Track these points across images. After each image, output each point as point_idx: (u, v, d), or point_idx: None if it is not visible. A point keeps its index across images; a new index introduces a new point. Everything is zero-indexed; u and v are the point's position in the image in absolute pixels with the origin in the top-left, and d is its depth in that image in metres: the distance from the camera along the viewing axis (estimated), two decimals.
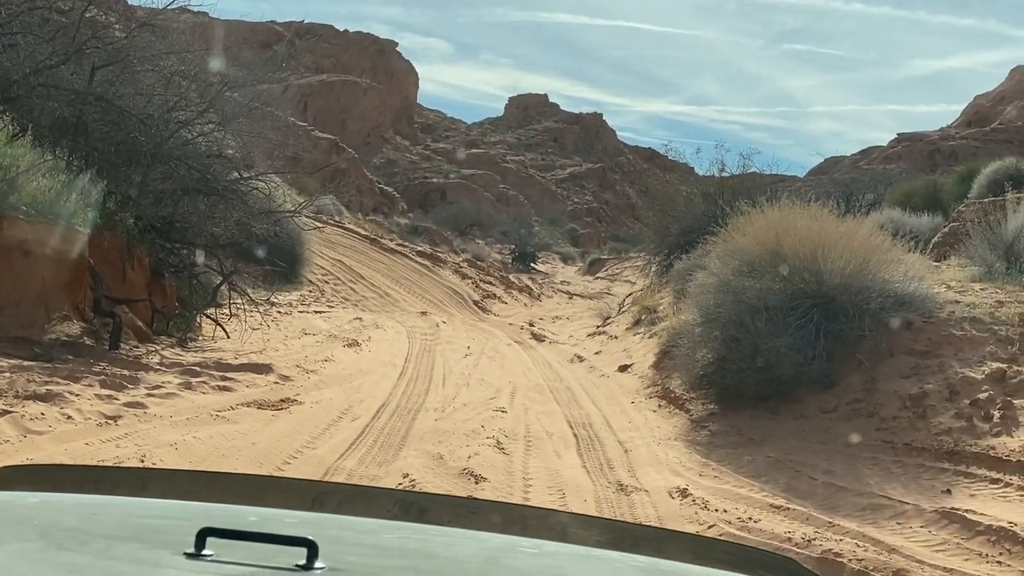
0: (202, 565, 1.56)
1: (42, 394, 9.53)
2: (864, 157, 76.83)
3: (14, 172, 12.68)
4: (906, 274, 12.55)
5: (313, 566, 1.58)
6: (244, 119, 17.97)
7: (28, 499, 2.04)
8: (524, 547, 2.07)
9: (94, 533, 1.77)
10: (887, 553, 7.34)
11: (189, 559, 1.58)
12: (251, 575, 1.55)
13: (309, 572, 1.57)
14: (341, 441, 9.92)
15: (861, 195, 24.60)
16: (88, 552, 1.66)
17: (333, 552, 1.63)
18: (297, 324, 20.43)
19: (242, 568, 1.56)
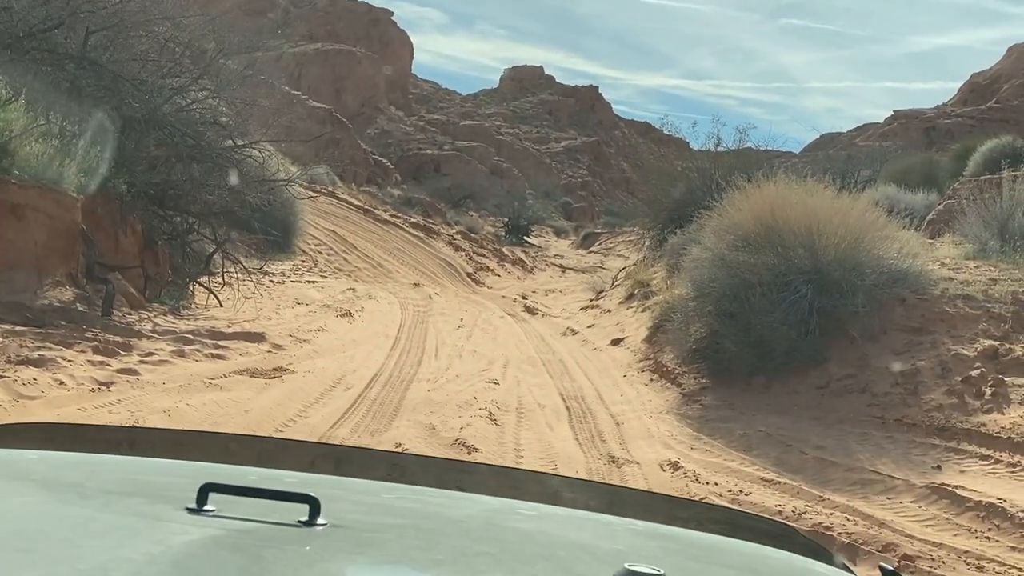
0: (204, 519, 1.56)
1: (34, 359, 9.51)
2: (860, 134, 76.71)
3: (7, 136, 12.59)
4: (900, 251, 12.56)
5: (315, 522, 1.58)
6: (238, 87, 17.86)
7: (27, 456, 2.05)
8: (522, 510, 2.07)
9: (95, 489, 1.78)
10: (877, 527, 7.38)
11: (191, 514, 1.58)
12: (253, 530, 1.55)
13: (311, 528, 1.57)
14: (334, 410, 9.93)
15: (857, 172, 24.59)
16: (90, 506, 1.66)
17: (334, 510, 1.63)
18: (290, 294, 20.39)
19: (244, 523, 1.56)
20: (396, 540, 1.68)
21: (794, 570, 1.87)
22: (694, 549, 1.93)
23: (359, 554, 1.57)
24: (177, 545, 1.45)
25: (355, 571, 1.53)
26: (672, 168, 25.21)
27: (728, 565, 1.84)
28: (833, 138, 74.66)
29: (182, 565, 1.38)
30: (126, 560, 1.37)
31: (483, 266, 34.69)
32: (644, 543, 1.91)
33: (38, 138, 13.27)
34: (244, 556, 1.45)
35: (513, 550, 1.72)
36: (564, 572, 1.62)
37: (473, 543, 1.73)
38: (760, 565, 1.87)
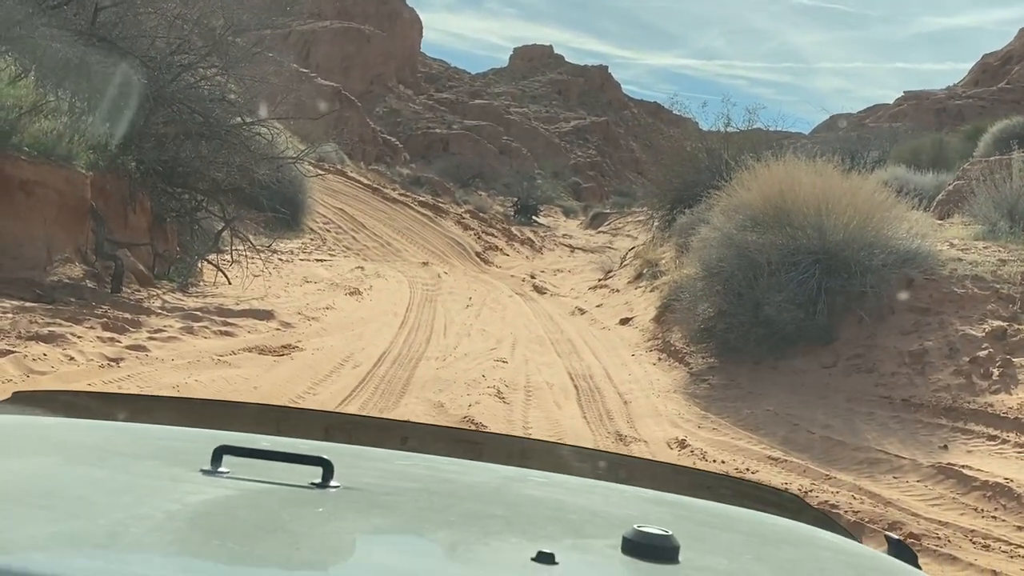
0: (219, 480, 1.59)
1: (44, 335, 9.56)
2: (870, 114, 76.35)
3: (17, 113, 12.61)
4: (909, 231, 12.53)
5: (328, 484, 1.60)
6: (247, 64, 17.83)
7: (44, 421, 2.08)
8: (533, 477, 2.10)
9: (112, 452, 1.80)
10: (883, 506, 7.40)
11: (206, 475, 1.60)
12: (268, 490, 1.57)
13: (324, 490, 1.59)
14: (342, 387, 9.96)
15: (866, 152, 24.49)
16: (108, 468, 1.69)
17: (346, 474, 1.65)
18: (298, 272, 20.43)
19: (258, 484, 1.58)
20: (409, 503, 1.70)
21: (800, 537, 1.89)
22: (702, 515, 1.95)
23: (373, 515, 1.59)
24: (194, 504, 1.48)
25: (369, 530, 1.55)
26: (681, 148, 25.13)
27: (736, 531, 1.86)
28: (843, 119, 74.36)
29: (199, 522, 1.41)
30: (145, 517, 1.39)
31: (492, 245, 34.69)
32: (653, 509, 1.93)
33: (47, 115, 13.29)
34: (260, 514, 1.48)
35: (525, 514, 1.74)
36: (575, 534, 1.64)
37: (485, 507, 1.75)
38: (767, 531, 1.89)
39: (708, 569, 1.52)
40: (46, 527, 1.31)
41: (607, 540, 1.51)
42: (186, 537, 1.35)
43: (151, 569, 1.20)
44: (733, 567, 1.58)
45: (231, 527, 1.41)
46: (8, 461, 1.67)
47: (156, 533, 1.33)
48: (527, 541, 1.50)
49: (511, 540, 1.56)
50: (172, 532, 1.35)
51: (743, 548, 1.73)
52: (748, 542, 1.79)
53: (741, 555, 1.68)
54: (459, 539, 1.54)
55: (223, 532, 1.38)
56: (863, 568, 1.74)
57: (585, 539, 1.62)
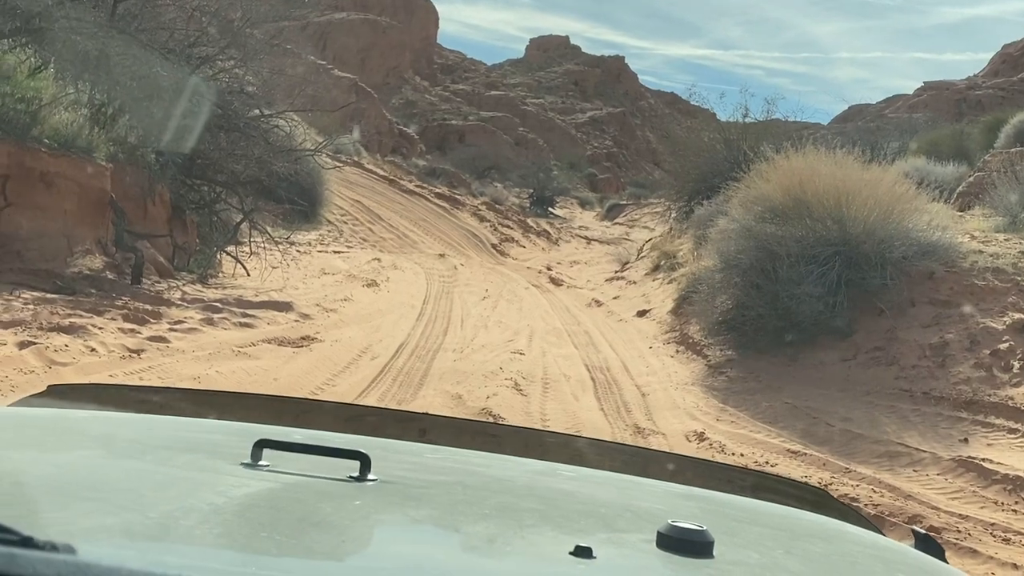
0: (260, 473, 1.62)
1: (65, 326, 9.61)
2: (889, 105, 75.94)
3: (36, 105, 12.68)
4: (930, 223, 12.46)
5: (366, 478, 1.63)
6: (265, 56, 17.87)
7: (81, 415, 2.11)
8: (563, 471, 2.12)
9: (151, 445, 1.84)
10: (903, 499, 7.38)
11: (247, 468, 1.63)
12: (308, 484, 1.60)
13: (362, 483, 1.62)
14: (361, 379, 10.00)
15: (886, 143, 24.36)
16: (149, 460, 1.73)
17: (381, 468, 1.67)
18: (316, 263, 20.48)
19: (298, 477, 1.61)
20: (444, 496, 1.73)
21: (829, 531, 1.90)
22: (731, 510, 1.97)
23: (411, 507, 1.62)
24: (238, 496, 1.51)
25: (409, 523, 1.58)
26: (699, 139, 25.05)
27: (765, 525, 1.87)
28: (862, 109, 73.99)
29: (245, 515, 1.44)
30: (192, 510, 1.42)
31: (508, 237, 34.69)
32: (683, 503, 1.95)
33: (67, 107, 13.35)
34: (303, 507, 1.50)
35: (558, 507, 1.76)
36: (608, 528, 1.65)
37: (518, 500, 1.78)
38: (795, 526, 1.91)
39: (741, 563, 1.53)
40: (99, 520, 1.33)
41: (641, 534, 1.53)
42: (235, 530, 1.38)
43: (205, 561, 1.22)
44: (765, 561, 1.59)
45: (277, 520, 1.43)
46: (52, 455, 1.69)
47: (205, 525, 1.36)
48: (563, 535, 1.52)
49: (547, 534, 1.58)
50: (220, 525, 1.38)
51: (773, 542, 1.75)
52: (778, 536, 1.81)
53: (772, 549, 1.69)
54: (496, 532, 1.56)
55: (270, 525, 1.40)
56: (892, 563, 1.75)
57: (619, 533, 1.63)
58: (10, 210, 12.01)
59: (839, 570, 1.65)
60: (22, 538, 1.03)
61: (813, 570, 1.60)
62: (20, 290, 10.94)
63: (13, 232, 12.09)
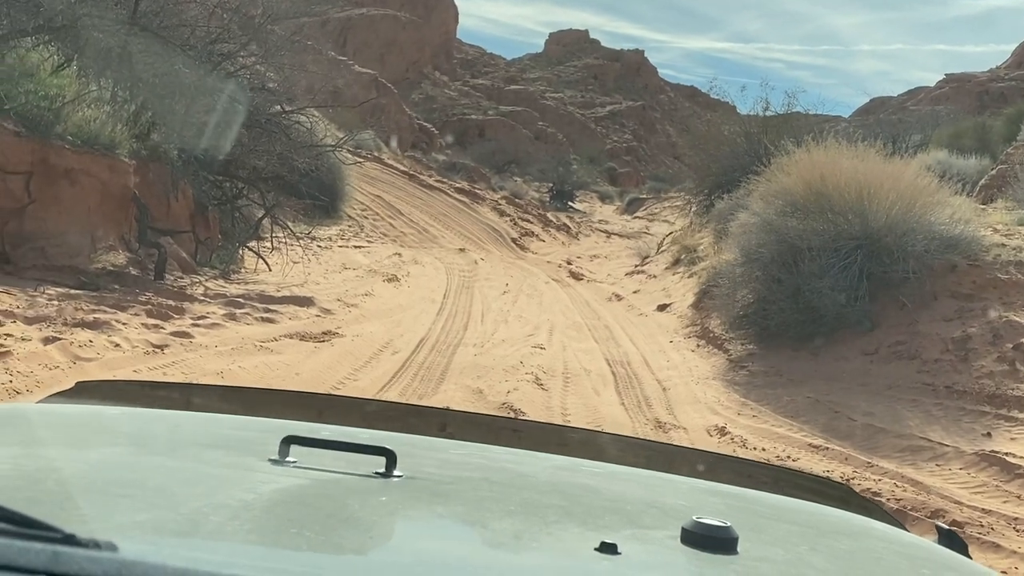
0: (288, 470, 1.63)
1: (90, 322, 9.70)
2: (911, 98, 75.44)
3: (60, 102, 12.77)
4: (952, 216, 12.39)
5: (392, 474, 1.64)
6: (285, 52, 17.94)
7: (110, 411, 2.13)
8: (586, 467, 2.14)
9: (180, 441, 1.87)
10: (925, 493, 7.36)
11: (275, 464, 1.64)
12: (334, 480, 1.61)
13: (388, 479, 1.63)
14: (382, 373, 10.03)
15: (908, 136, 24.21)
16: (180, 457, 1.75)
17: (407, 463, 1.69)
18: (337, 258, 20.56)
19: (325, 474, 1.62)
20: (470, 492, 1.75)
21: (853, 527, 1.90)
22: (756, 506, 1.96)
23: (437, 504, 1.64)
24: (267, 492, 1.52)
25: (436, 519, 1.59)
26: (719, 133, 24.97)
27: (789, 521, 1.88)
28: (884, 102, 73.57)
29: (275, 511, 1.45)
30: (222, 506, 1.43)
31: (528, 231, 34.69)
32: (707, 499, 1.96)
33: (90, 104, 13.44)
34: (331, 503, 1.52)
35: (581, 503, 1.77)
36: (633, 524, 1.66)
37: (542, 497, 1.78)
38: (820, 522, 1.91)
39: (766, 560, 1.52)
40: (132, 516, 1.34)
41: (666, 530, 1.53)
42: (264, 526, 1.39)
43: (236, 557, 1.22)
44: (790, 558, 1.59)
45: (306, 516, 1.44)
46: (83, 451, 1.70)
47: (235, 522, 1.37)
48: (588, 531, 1.53)
49: (572, 530, 1.58)
50: (250, 521, 1.39)
51: (798, 539, 1.75)
52: (803, 532, 1.81)
53: (797, 546, 1.69)
54: (522, 528, 1.56)
55: (299, 521, 1.41)
56: (917, 559, 1.75)
57: (644, 529, 1.64)
58: (34, 207, 12.11)
59: (865, 567, 1.65)
60: (65, 535, 1.04)
61: (839, 567, 1.60)
62: (44, 286, 11.04)
63: (37, 229, 12.20)
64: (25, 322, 9.26)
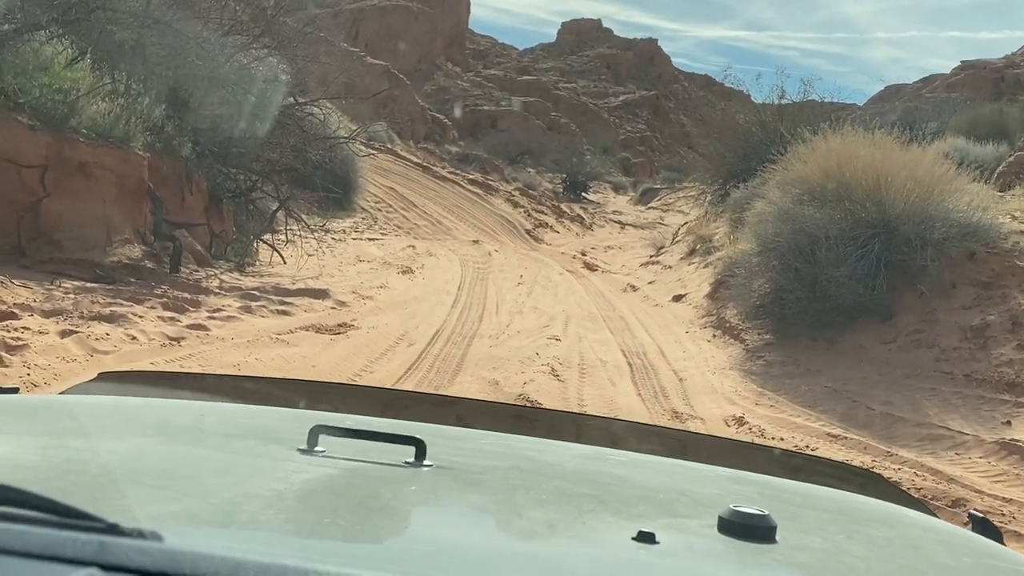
0: (318, 459, 1.62)
1: (106, 315, 9.71)
2: (926, 85, 74.94)
3: (74, 95, 12.78)
4: (970, 204, 12.28)
5: (422, 463, 1.64)
6: (298, 44, 17.93)
7: (135, 402, 2.13)
8: (613, 456, 2.13)
9: (206, 431, 1.87)
10: (946, 483, 7.31)
11: (304, 454, 1.64)
12: (365, 469, 1.61)
13: (418, 468, 1.63)
14: (399, 365, 10.02)
15: (924, 123, 24.06)
16: (207, 447, 1.75)
17: (436, 453, 1.68)
18: (351, 251, 20.56)
19: (355, 463, 1.62)
20: (501, 480, 1.74)
21: (887, 515, 1.90)
22: (788, 494, 1.95)
23: (469, 492, 1.63)
24: (299, 482, 1.51)
25: (469, 508, 1.59)
26: (734, 122, 24.86)
27: (823, 509, 1.86)
28: (899, 89, 73.17)
29: (308, 501, 1.44)
30: (254, 496, 1.42)
31: (542, 223, 34.64)
32: (738, 488, 1.94)
33: (104, 97, 13.46)
34: (362, 493, 1.51)
35: (613, 492, 1.76)
36: (668, 513, 1.64)
37: (573, 486, 1.77)
38: (853, 510, 1.90)
39: (805, 548, 1.51)
40: (164, 507, 1.34)
41: (701, 520, 1.52)
42: (298, 515, 1.38)
43: (272, 547, 1.21)
44: (828, 546, 1.58)
45: (339, 505, 1.44)
46: (111, 442, 1.69)
47: (269, 511, 1.36)
48: (623, 520, 1.53)
49: (607, 519, 1.58)
50: (284, 511, 1.38)
51: (833, 527, 1.74)
52: (837, 520, 1.79)
53: (834, 534, 1.68)
54: (556, 518, 1.55)
55: (332, 510, 1.40)
56: (956, 547, 1.73)
57: (679, 518, 1.62)
58: (49, 200, 12.13)
59: (903, 555, 1.64)
60: (108, 525, 1.03)
61: (878, 555, 1.58)
62: (60, 279, 11.06)
63: (53, 222, 12.23)
64: (42, 315, 9.29)
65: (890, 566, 1.53)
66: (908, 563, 1.59)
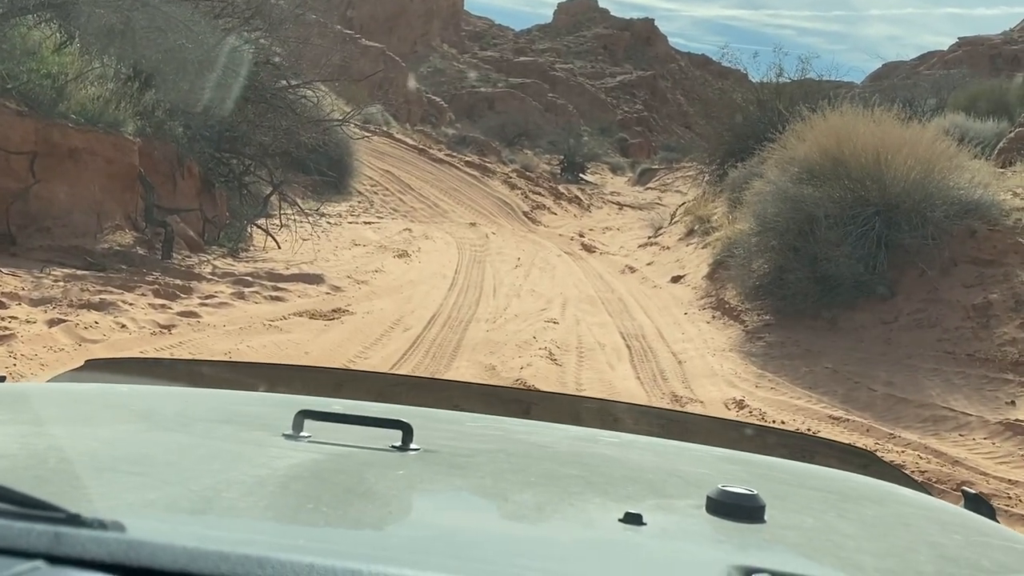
0: (303, 444, 1.61)
1: (96, 303, 9.57)
2: (923, 62, 74.59)
3: (63, 80, 12.61)
4: (971, 181, 12.13)
5: (408, 447, 1.62)
6: (290, 26, 17.72)
7: (121, 388, 2.13)
8: (603, 437, 2.13)
9: (193, 417, 1.84)
10: (950, 465, 7.19)
11: (289, 440, 1.62)
12: (351, 454, 1.59)
13: (404, 453, 1.61)
14: (393, 351, 9.89)
15: (923, 100, 23.86)
16: (192, 433, 1.73)
17: (423, 436, 1.67)
18: (347, 235, 20.39)
19: (340, 448, 1.60)
20: (488, 464, 1.72)
21: (878, 493, 1.89)
22: (778, 473, 1.94)
23: (456, 476, 1.61)
24: (282, 468, 1.50)
25: (455, 492, 1.57)
26: (732, 101, 24.66)
27: (814, 488, 1.85)
28: (896, 67, 72.88)
29: (290, 486, 1.43)
30: (236, 482, 1.40)
31: (539, 204, 34.46)
32: (728, 468, 1.92)
33: (93, 81, 13.28)
34: (347, 477, 1.49)
35: (602, 473, 1.75)
36: (655, 494, 1.63)
37: (561, 467, 1.76)
38: (844, 488, 1.89)
39: (794, 527, 1.50)
40: (143, 494, 1.31)
41: (689, 500, 1.51)
42: (280, 501, 1.37)
43: (252, 534, 1.18)
44: (818, 525, 1.57)
45: (322, 491, 1.42)
46: (94, 429, 1.69)
47: (250, 498, 1.34)
48: (611, 501, 1.52)
49: (594, 500, 1.57)
50: (266, 497, 1.36)
51: (824, 505, 1.73)
52: (828, 499, 1.78)
53: (824, 513, 1.67)
54: (544, 500, 1.54)
55: (315, 496, 1.39)
56: (948, 524, 1.73)
57: (667, 499, 1.62)
58: (39, 187, 11.98)
59: (895, 533, 1.63)
60: (69, 515, 1.01)
61: (869, 533, 1.57)
62: (50, 267, 10.92)
63: (43, 209, 12.08)
64: (30, 304, 9.15)
65: (880, 544, 1.51)
66: (899, 541, 1.58)
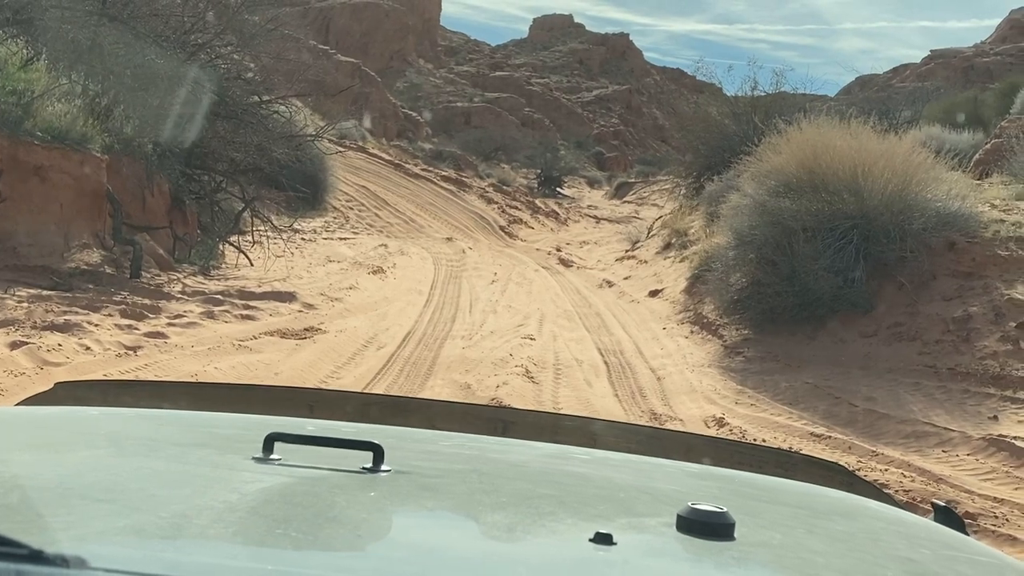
0: (273, 468, 1.59)
1: (60, 324, 9.31)
2: (897, 75, 75.10)
3: (28, 97, 12.36)
4: (948, 193, 12.06)
5: (379, 468, 1.61)
6: (263, 40, 17.52)
7: (89, 412, 2.09)
8: (576, 454, 2.12)
9: (162, 441, 1.81)
10: (935, 483, 7.06)
11: (259, 463, 1.61)
12: (322, 477, 1.58)
13: (375, 474, 1.60)
14: (367, 370, 9.69)
15: (898, 112, 23.89)
16: (161, 458, 1.69)
17: (395, 457, 1.65)
18: (321, 251, 20.16)
19: (311, 470, 1.59)
20: (460, 484, 1.71)
21: (849, 508, 1.89)
22: (751, 489, 1.94)
23: (426, 498, 1.60)
24: (252, 492, 1.49)
25: (426, 514, 1.55)
26: (707, 114, 24.62)
27: (784, 504, 1.85)
28: (869, 80, 73.33)
29: (260, 511, 1.42)
30: (205, 508, 1.39)
31: (516, 219, 34.33)
32: (701, 484, 1.92)
33: (60, 98, 13.03)
34: (317, 501, 1.48)
35: (574, 492, 1.74)
36: (627, 513, 1.63)
37: (534, 487, 1.76)
38: (815, 503, 1.90)
39: (763, 544, 1.50)
40: (112, 521, 1.30)
41: (660, 518, 1.51)
42: (249, 526, 1.35)
43: (221, 559, 1.18)
44: (787, 541, 1.57)
45: (292, 514, 1.41)
46: (62, 455, 1.66)
47: (220, 524, 1.33)
48: (582, 521, 1.53)
49: (566, 521, 1.57)
50: (235, 522, 1.35)
51: (795, 521, 1.73)
52: (799, 515, 1.79)
53: (794, 529, 1.67)
54: (515, 521, 1.53)
55: (285, 520, 1.38)
56: (915, 538, 1.74)
57: (638, 517, 1.63)
58: (4, 206, 11.71)
59: (864, 548, 1.63)
60: (31, 552, 1.00)
61: (837, 549, 1.59)
62: (15, 287, 10.65)
63: (8, 228, 11.80)
64: None
65: (848, 560, 1.53)
66: (867, 556, 1.58)
